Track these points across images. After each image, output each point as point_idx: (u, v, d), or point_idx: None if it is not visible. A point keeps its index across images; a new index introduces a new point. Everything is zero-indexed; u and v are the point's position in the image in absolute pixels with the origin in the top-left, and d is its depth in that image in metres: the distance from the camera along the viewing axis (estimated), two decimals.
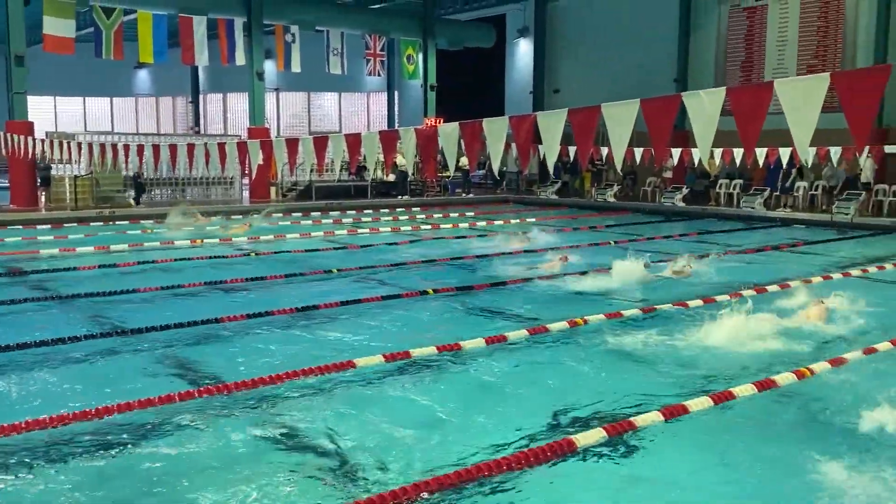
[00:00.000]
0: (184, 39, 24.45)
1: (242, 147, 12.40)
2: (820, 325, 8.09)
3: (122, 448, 4.87)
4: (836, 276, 11.16)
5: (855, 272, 11.48)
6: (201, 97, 40.53)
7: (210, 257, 12.67)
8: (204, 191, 24.10)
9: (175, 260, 12.43)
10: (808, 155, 15.79)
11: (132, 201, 21.54)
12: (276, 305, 8.69)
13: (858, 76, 5.70)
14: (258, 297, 9.64)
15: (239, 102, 37.34)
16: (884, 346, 7.15)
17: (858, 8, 22.16)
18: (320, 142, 10.76)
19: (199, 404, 5.60)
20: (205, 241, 14.87)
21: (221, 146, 12.61)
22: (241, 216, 19.32)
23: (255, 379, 6.04)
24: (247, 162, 12.52)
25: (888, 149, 19.11)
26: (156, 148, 14.77)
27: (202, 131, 38.21)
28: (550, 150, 8.15)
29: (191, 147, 13.36)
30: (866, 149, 18.55)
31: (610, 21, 28.08)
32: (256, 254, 13.27)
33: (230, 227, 16.96)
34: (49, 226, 17.44)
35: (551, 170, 21.77)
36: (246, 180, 25.31)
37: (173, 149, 14.10)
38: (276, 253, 13.38)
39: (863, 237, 16.70)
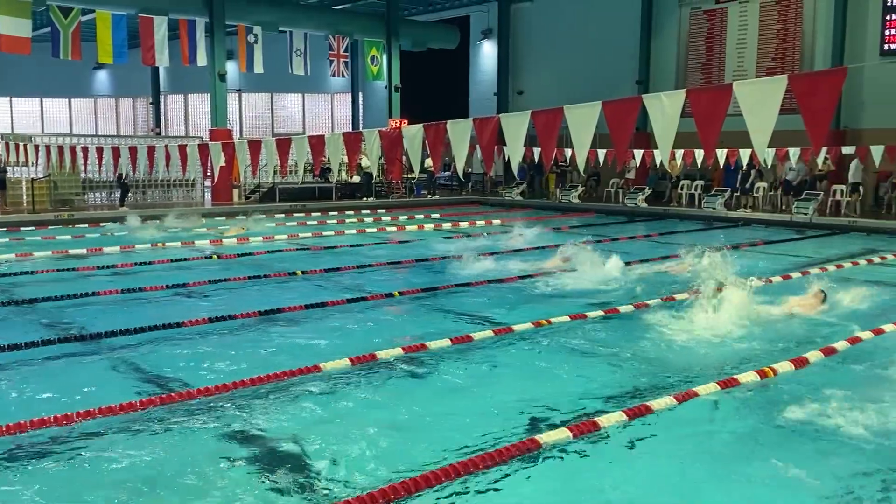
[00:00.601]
0: (144, 40, 24.09)
1: (204, 149, 12.27)
2: (815, 315, 8.40)
3: (82, 455, 4.77)
4: (795, 274, 11.35)
5: (814, 270, 11.70)
6: (162, 98, 39.98)
7: (172, 260, 12.51)
8: (165, 193, 23.79)
9: (136, 264, 12.25)
10: (766, 155, 16.06)
11: (118, 204, 21.31)
12: (239, 309, 8.60)
13: (815, 78, 5.80)
14: (221, 300, 9.52)
15: (201, 104, 36.92)
16: (841, 344, 7.29)
17: (816, 11, 22.59)
18: (283, 143, 10.68)
19: (160, 410, 5.51)
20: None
21: (182, 148, 12.47)
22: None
23: (219, 385, 5.96)
24: (208, 164, 12.38)
25: (845, 149, 19.51)
26: (115, 150, 14.56)
27: (163, 133, 37.69)
28: (514, 151, 8.20)
29: (151, 149, 13.19)
30: (823, 150, 18.91)
31: (573, 23, 28.28)
32: (219, 256, 13.12)
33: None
34: (5, 229, 17.08)
35: (515, 171, 21.85)
36: (208, 182, 25.04)
37: (133, 151, 13.91)
38: (239, 256, 13.25)
39: (821, 236, 17.02)
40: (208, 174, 20.75)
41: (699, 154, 18.00)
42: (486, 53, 32.38)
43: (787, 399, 5.82)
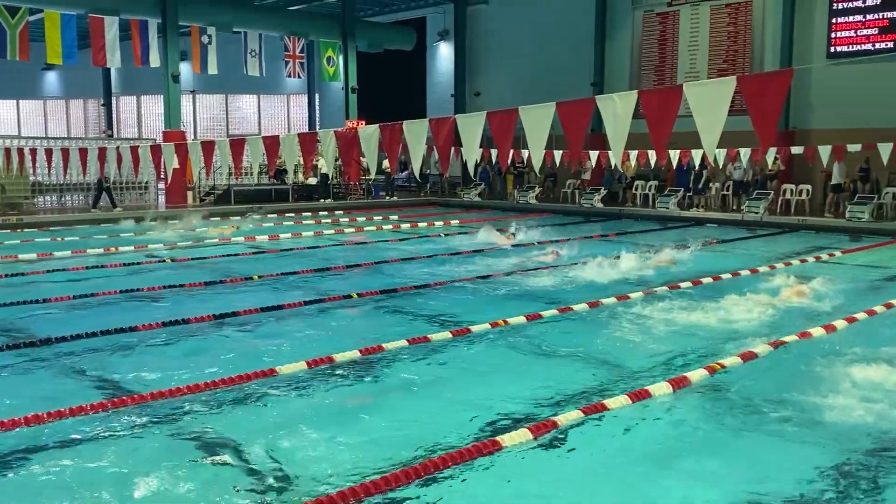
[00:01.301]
0: (94, 40, 23.63)
1: (156, 150, 12.09)
2: (796, 303, 9.00)
3: (30, 460, 4.67)
4: (745, 272, 11.58)
5: (763, 268, 11.95)
6: (114, 100, 39.29)
7: (125, 265, 12.29)
8: (118, 196, 23.36)
9: (88, 268, 12.01)
10: (714, 155, 16.34)
11: (95, 208, 21.20)
12: (193, 313, 8.48)
13: (762, 80, 5.93)
14: (175, 304, 9.38)
15: (154, 105, 36.37)
16: (791, 338, 7.45)
17: (765, 14, 23.09)
18: (237, 144, 10.57)
19: (113, 416, 5.42)
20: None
21: (134, 150, 12.26)
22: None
23: (173, 389, 5.88)
24: (161, 166, 12.20)
25: (794, 149, 19.96)
26: (65, 152, 14.25)
27: (115, 135, 37.03)
28: (470, 152, 8.23)
29: (102, 151, 12.95)
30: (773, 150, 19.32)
31: (530, 25, 28.48)
32: (173, 260, 12.93)
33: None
34: None
35: (472, 171, 21.93)
36: (162, 185, 24.67)
37: (83, 153, 13.64)
38: (193, 259, 13.06)
39: (771, 235, 17.39)
40: (161, 176, 20.41)
41: (653, 155, 18.25)
42: (443, 55, 32.44)
43: (736, 394, 5.95)
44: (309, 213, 22.19)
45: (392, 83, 32.89)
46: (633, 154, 19.96)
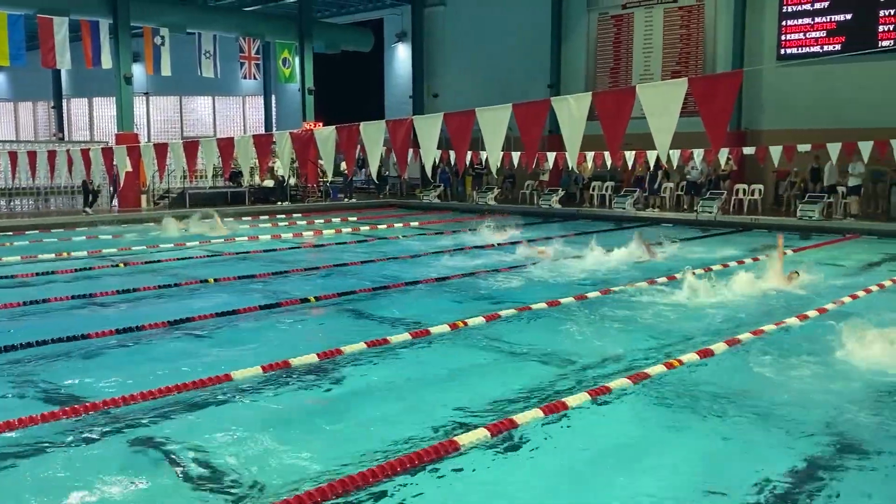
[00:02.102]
0: (43, 41, 23.09)
1: (108, 154, 11.86)
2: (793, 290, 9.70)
3: None
4: (700, 271, 11.76)
5: (716, 267, 12.15)
6: (65, 102, 38.48)
7: (76, 270, 12.04)
8: (69, 200, 22.89)
9: (37, 274, 11.73)
10: (668, 156, 16.57)
11: (86, 210, 20.91)
12: (147, 319, 8.33)
13: (713, 81, 6.02)
14: (128, 310, 9.21)
15: (106, 107, 35.71)
16: (745, 335, 7.59)
17: (717, 17, 23.48)
18: (191, 147, 10.43)
19: (64, 425, 5.29)
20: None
21: (85, 153, 12.02)
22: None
23: (126, 396, 5.77)
24: (114, 169, 11.97)
25: (746, 150, 20.33)
26: (12, 155, 13.91)
27: (67, 138, 36.26)
28: (428, 153, 8.23)
29: (52, 154, 12.67)
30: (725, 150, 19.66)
31: (487, 27, 28.57)
32: (126, 264, 12.70)
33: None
34: None
35: (429, 172, 21.91)
36: (107, 187, 24.21)
37: (32, 156, 13.33)
38: (146, 263, 12.84)
39: (725, 234, 17.68)
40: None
41: (609, 156, 18.44)
42: (401, 56, 32.40)
43: (697, 388, 6.04)
44: (266, 217, 21.98)
45: (350, 84, 32.75)
46: (590, 155, 20.16)
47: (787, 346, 7.32)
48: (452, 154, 21.01)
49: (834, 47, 21.20)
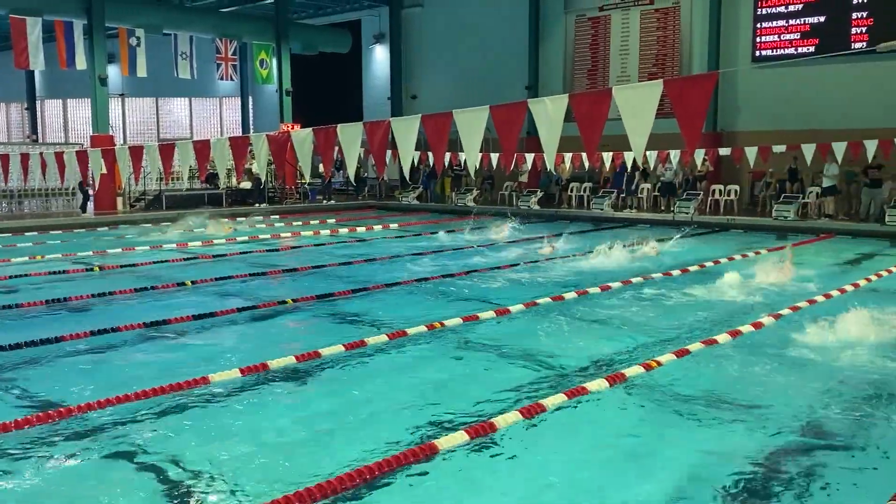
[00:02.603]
0: (16, 42, 22.84)
1: (83, 156, 11.73)
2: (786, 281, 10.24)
3: None
4: (676, 272, 11.84)
5: (694, 268, 12.24)
6: (38, 103, 38.02)
7: (50, 273, 11.89)
8: (43, 203, 22.63)
9: (10, 277, 11.58)
10: (644, 157, 16.67)
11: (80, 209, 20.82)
12: (124, 321, 8.24)
13: (688, 83, 6.07)
14: (104, 313, 9.11)
15: (81, 109, 35.35)
16: (723, 337, 7.65)
17: (693, 19, 23.67)
18: (167, 149, 10.34)
19: (39, 431, 5.22)
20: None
21: (59, 155, 11.89)
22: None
23: (101, 400, 5.70)
24: (88, 172, 11.84)
25: (722, 151, 20.51)
26: None
27: (40, 139, 35.83)
28: (406, 155, 8.22)
29: (25, 157, 12.51)
30: (702, 151, 19.82)
31: (465, 28, 28.60)
32: (101, 268, 12.56)
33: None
34: None
35: (407, 174, 21.89)
36: (90, 191, 23.97)
37: (5, 159, 13.15)
38: (122, 266, 12.71)
39: (702, 234, 17.81)
40: (89, 182, 19.83)
41: (587, 157, 18.52)
42: (379, 58, 32.35)
43: (672, 389, 6.08)
44: (243, 218, 21.83)
45: (327, 86, 32.65)
46: (568, 156, 20.25)
47: (760, 345, 7.39)
48: (428, 155, 21.03)
49: (808, 49, 21.45)
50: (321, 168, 22.19)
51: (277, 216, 22.73)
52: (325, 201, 26.69)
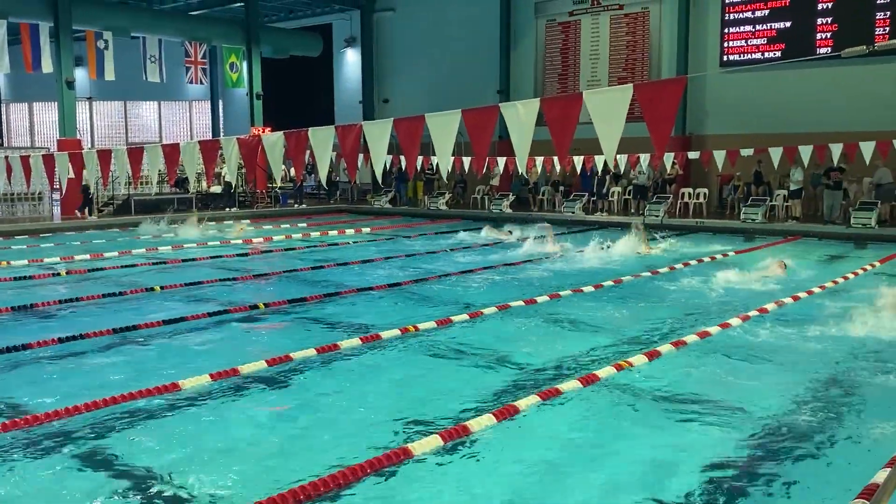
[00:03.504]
0: None
1: (49, 160, 11.57)
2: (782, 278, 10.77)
3: None
4: (645, 274, 11.95)
5: (664, 270, 12.36)
6: (3, 107, 37.41)
7: (14, 279, 11.70)
8: (9, 208, 22.25)
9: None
10: (615, 161, 16.84)
11: (80, 212, 21.05)
12: (91, 327, 8.13)
13: (657, 87, 6.13)
14: (72, 319, 8.99)
15: (47, 112, 34.84)
16: (691, 338, 7.74)
17: (662, 24, 23.92)
18: (135, 153, 10.23)
19: (5, 439, 5.14)
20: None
21: (25, 160, 11.70)
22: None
23: (70, 407, 5.62)
24: (55, 176, 11.68)
25: (691, 154, 20.74)
26: None
27: (6, 143, 35.25)
28: (378, 159, 8.21)
29: None
30: (671, 155, 20.03)
31: (436, 33, 28.63)
32: (68, 272, 12.38)
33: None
34: None
35: (379, 178, 21.94)
36: (57, 195, 23.62)
37: None
38: (91, 271, 12.54)
39: (672, 237, 17.96)
40: (55, 187, 19.54)
41: (558, 160, 18.65)
42: (350, 61, 32.28)
43: (642, 389, 6.13)
44: (213, 223, 21.64)
45: (299, 89, 32.52)
46: (539, 160, 20.35)
47: (728, 346, 7.48)
48: (400, 159, 21.01)
49: (774, 54, 21.77)
50: (292, 172, 22.13)
51: (248, 220, 22.56)
52: (296, 205, 26.55)
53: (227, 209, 24.33)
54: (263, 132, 19.94)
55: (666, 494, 4.37)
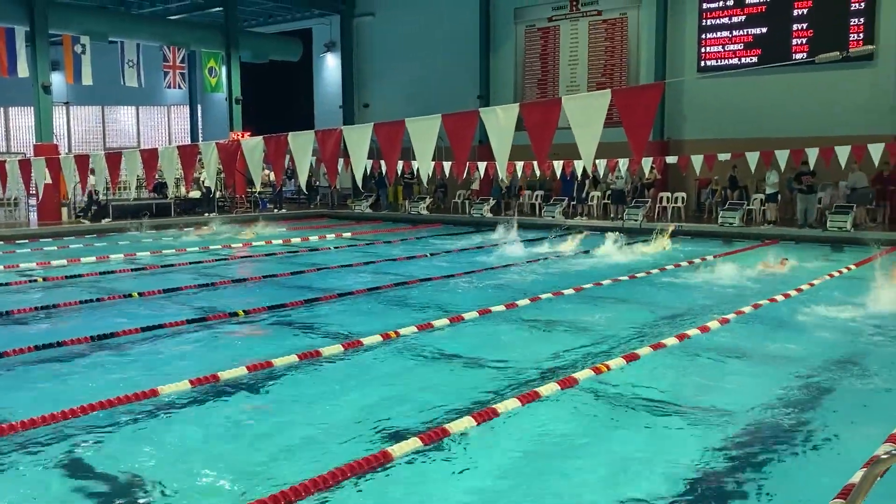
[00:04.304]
0: None
1: (25, 165, 11.46)
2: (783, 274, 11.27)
3: None
4: (623, 277, 12.03)
5: (641, 274, 12.45)
6: None
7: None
8: None
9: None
10: (591, 166, 16.93)
11: (85, 220, 21.02)
12: (69, 335, 8.05)
13: (635, 93, 6.19)
14: (49, 326, 8.91)
15: (24, 117, 34.47)
16: (671, 340, 7.80)
17: (640, 29, 24.11)
18: (113, 158, 10.16)
19: None
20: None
21: (1, 165, 11.59)
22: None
23: (46, 416, 5.56)
24: (31, 182, 11.57)
25: (669, 159, 20.90)
26: None
27: None
28: (358, 164, 8.22)
29: None
30: (650, 159, 20.17)
31: (416, 38, 28.67)
32: (45, 279, 12.26)
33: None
34: None
35: (360, 183, 21.85)
36: (34, 201, 23.40)
37: None
38: (68, 277, 12.43)
39: (651, 241, 18.08)
40: (32, 192, 19.37)
41: (538, 165, 18.74)
42: (330, 66, 32.24)
43: (619, 391, 6.18)
44: (192, 228, 21.53)
45: (278, 94, 32.43)
46: (520, 165, 20.41)
47: (706, 349, 7.55)
48: (381, 164, 21.03)
49: (751, 60, 22.01)
50: (272, 177, 22.04)
51: (227, 225, 22.42)
52: (276, 210, 26.46)
53: (206, 214, 24.18)
54: (243, 137, 19.90)
55: (642, 495, 4.40)
